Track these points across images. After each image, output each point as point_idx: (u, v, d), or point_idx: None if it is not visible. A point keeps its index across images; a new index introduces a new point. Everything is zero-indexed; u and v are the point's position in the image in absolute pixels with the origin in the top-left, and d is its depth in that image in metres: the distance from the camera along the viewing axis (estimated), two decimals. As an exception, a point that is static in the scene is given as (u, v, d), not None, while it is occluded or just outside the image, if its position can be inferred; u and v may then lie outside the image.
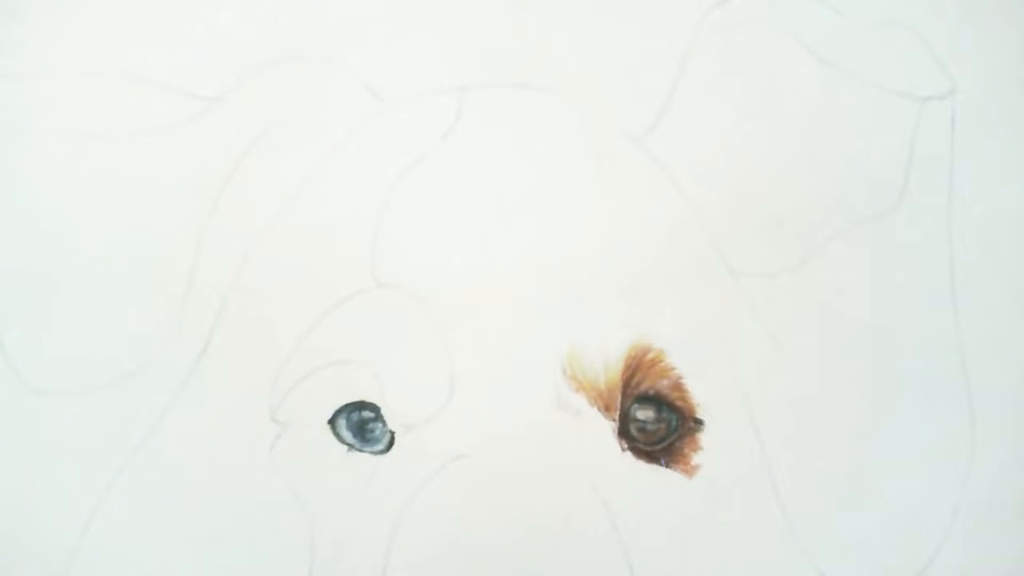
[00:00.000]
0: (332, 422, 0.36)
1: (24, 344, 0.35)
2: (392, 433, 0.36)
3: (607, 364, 0.36)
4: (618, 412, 0.36)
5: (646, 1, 0.39)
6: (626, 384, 0.36)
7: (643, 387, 0.36)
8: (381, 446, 0.36)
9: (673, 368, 0.37)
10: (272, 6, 0.38)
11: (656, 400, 0.36)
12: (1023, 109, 0.39)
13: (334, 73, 0.37)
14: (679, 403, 0.36)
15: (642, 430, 0.36)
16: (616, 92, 0.38)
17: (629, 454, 0.36)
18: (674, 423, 0.36)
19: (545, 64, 0.38)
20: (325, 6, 0.38)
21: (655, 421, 0.36)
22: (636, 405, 0.36)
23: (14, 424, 0.35)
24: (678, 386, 0.37)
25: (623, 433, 0.36)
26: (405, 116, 0.37)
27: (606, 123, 0.38)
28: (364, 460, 0.35)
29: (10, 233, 0.36)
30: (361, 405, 0.36)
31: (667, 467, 0.36)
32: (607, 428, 0.36)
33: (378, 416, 0.36)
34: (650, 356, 0.37)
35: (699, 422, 0.37)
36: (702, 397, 0.37)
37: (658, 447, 0.36)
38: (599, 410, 0.36)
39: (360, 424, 0.36)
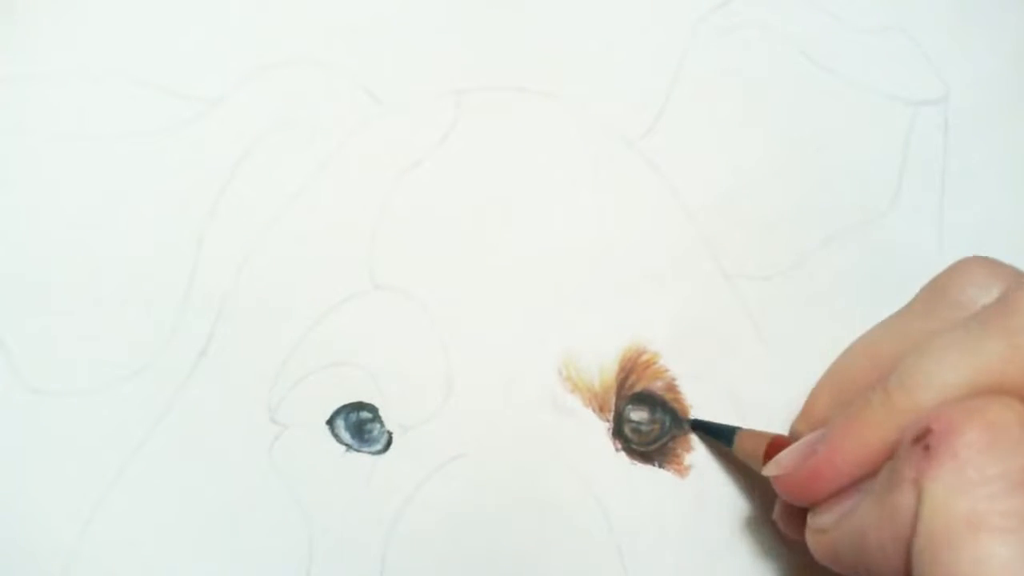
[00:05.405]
0: (330, 423, 0.36)
1: (24, 344, 0.35)
2: (390, 433, 0.36)
3: (602, 365, 0.37)
4: (612, 413, 0.36)
5: (643, 5, 0.39)
6: (620, 385, 0.37)
7: (637, 388, 0.37)
8: (379, 446, 0.36)
9: (667, 370, 0.37)
10: (271, 8, 0.38)
11: (650, 401, 0.37)
12: (1016, 114, 0.39)
13: (332, 76, 0.37)
14: (673, 404, 0.37)
15: (636, 431, 0.37)
16: (613, 96, 0.38)
17: (623, 454, 0.36)
18: (668, 424, 0.37)
19: (543, 68, 0.38)
20: (324, 9, 0.38)
21: (649, 422, 0.37)
22: (630, 406, 0.37)
23: (14, 424, 0.35)
24: (672, 387, 0.37)
25: (617, 434, 0.36)
26: (403, 119, 0.37)
27: (603, 127, 0.38)
28: (362, 460, 0.36)
29: (10, 234, 0.36)
30: (359, 406, 0.36)
31: (661, 467, 0.37)
32: (602, 429, 0.36)
33: (376, 417, 0.36)
34: (644, 358, 0.37)
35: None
36: (695, 398, 0.37)
37: (652, 447, 0.37)
38: (594, 411, 0.36)
39: (358, 424, 0.36)
